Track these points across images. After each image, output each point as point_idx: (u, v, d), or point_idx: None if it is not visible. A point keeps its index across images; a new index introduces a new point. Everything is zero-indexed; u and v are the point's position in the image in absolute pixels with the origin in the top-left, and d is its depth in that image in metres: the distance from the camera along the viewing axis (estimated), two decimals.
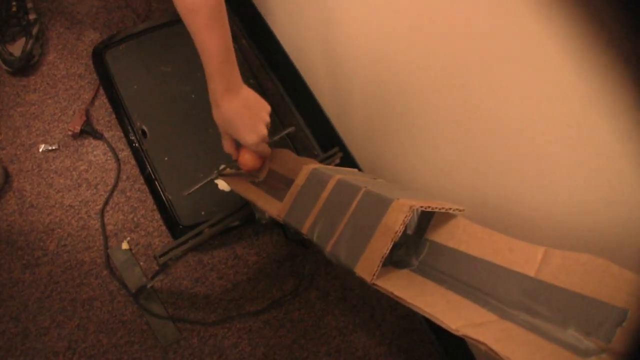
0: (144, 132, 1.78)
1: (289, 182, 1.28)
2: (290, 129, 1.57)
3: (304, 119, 2.07)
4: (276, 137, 1.52)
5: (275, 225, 1.86)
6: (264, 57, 2.16)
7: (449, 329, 0.74)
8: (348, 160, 1.82)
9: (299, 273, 1.86)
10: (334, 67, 1.73)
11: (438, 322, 0.76)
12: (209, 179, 1.51)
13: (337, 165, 1.62)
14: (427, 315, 0.78)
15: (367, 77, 1.56)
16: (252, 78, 1.95)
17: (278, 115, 1.91)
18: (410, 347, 1.85)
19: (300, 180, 1.17)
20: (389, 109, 1.53)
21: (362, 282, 1.62)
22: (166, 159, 1.76)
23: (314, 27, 1.73)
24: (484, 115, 1.16)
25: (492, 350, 0.69)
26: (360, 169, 1.79)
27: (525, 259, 0.84)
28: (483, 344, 0.70)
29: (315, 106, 1.92)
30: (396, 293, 0.85)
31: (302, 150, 1.97)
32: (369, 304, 1.87)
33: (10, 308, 1.67)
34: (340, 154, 1.63)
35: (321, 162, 1.55)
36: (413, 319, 1.88)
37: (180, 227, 1.69)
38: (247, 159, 1.39)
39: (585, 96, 0.88)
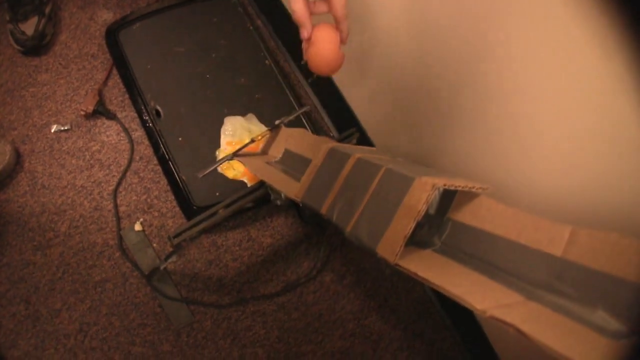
0: (157, 112, 1.77)
1: (305, 161, 1.27)
2: (306, 108, 1.56)
3: (320, 100, 2.05)
4: (291, 117, 1.50)
5: (291, 206, 1.85)
6: (280, 38, 2.14)
7: (475, 310, 0.72)
8: (365, 142, 1.80)
9: (313, 256, 1.85)
10: (350, 46, 1.71)
11: (463, 303, 0.74)
12: (224, 160, 1.50)
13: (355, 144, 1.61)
14: (452, 296, 0.76)
15: (385, 57, 1.54)
16: (268, 58, 1.93)
17: (294, 95, 1.88)
18: (426, 331, 1.84)
19: (318, 159, 1.15)
20: (407, 90, 1.51)
21: (377, 266, 1.60)
22: (180, 139, 1.74)
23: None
24: (503, 97, 1.14)
25: (520, 331, 0.67)
26: None
27: (551, 238, 0.82)
28: (511, 325, 0.68)
29: (331, 86, 1.90)
30: (420, 274, 0.83)
31: (318, 131, 1.96)
32: (384, 288, 1.86)
33: (21, 290, 1.66)
34: (357, 134, 1.62)
35: (339, 142, 1.53)
36: (428, 303, 1.87)
37: (195, 208, 1.67)
38: (324, 41, 1.11)
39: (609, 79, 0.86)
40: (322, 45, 1.10)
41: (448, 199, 1.00)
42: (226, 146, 1.75)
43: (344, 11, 1.07)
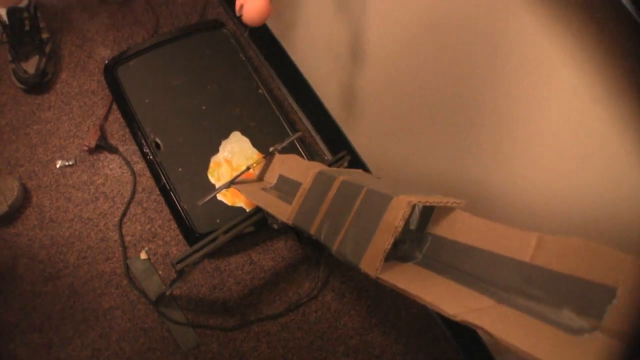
0: (157, 145, 1.82)
1: (298, 186, 1.31)
2: (298, 134, 1.61)
3: (313, 125, 2.11)
4: (285, 143, 1.55)
5: (289, 229, 1.88)
6: (273, 67, 2.19)
7: (447, 315, 0.77)
8: (356, 162, 1.85)
9: (314, 276, 1.90)
10: (340, 74, 1.76)
11: (437, 310, 0.79)
12: (222, 188, 1.55)
13: (346, 167, 1.65)
14: (427, 304, 0.82)
15: (372, 81, 1.59)
16: (261, 87, 1.99)
17: (287, 121, 1.94)
18: (427, 344, 1.88)
19: (306, 183, 1.21)
20: (393, 110, 1.56)
21: (376, 282, 1.65)
22: (180, 169, 1.80)
23: (321, 37, 1.76)
24: (487, 111, 1.18)
25: (488, 333, 0.72)
26: (368, 169, 1.82)
27: (520, 246, 0.87)
28: (480, 327, 0.73)
29: (323, 112, 1.96)
30: (399, 285, 0.88)
31: (313, 155, 2.01)
32: (384, 304, 1.90)
33: (34, 319, 1.71)
34: (348, 157, 1.66)
35: (330, 165, 1.57)
36: (428, 317, 1.91)
37: (197, 235, 1.72)
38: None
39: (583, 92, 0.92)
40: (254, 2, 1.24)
41: (427, 214, 1.05)
42: (223, 162, 1.82)
43: None
